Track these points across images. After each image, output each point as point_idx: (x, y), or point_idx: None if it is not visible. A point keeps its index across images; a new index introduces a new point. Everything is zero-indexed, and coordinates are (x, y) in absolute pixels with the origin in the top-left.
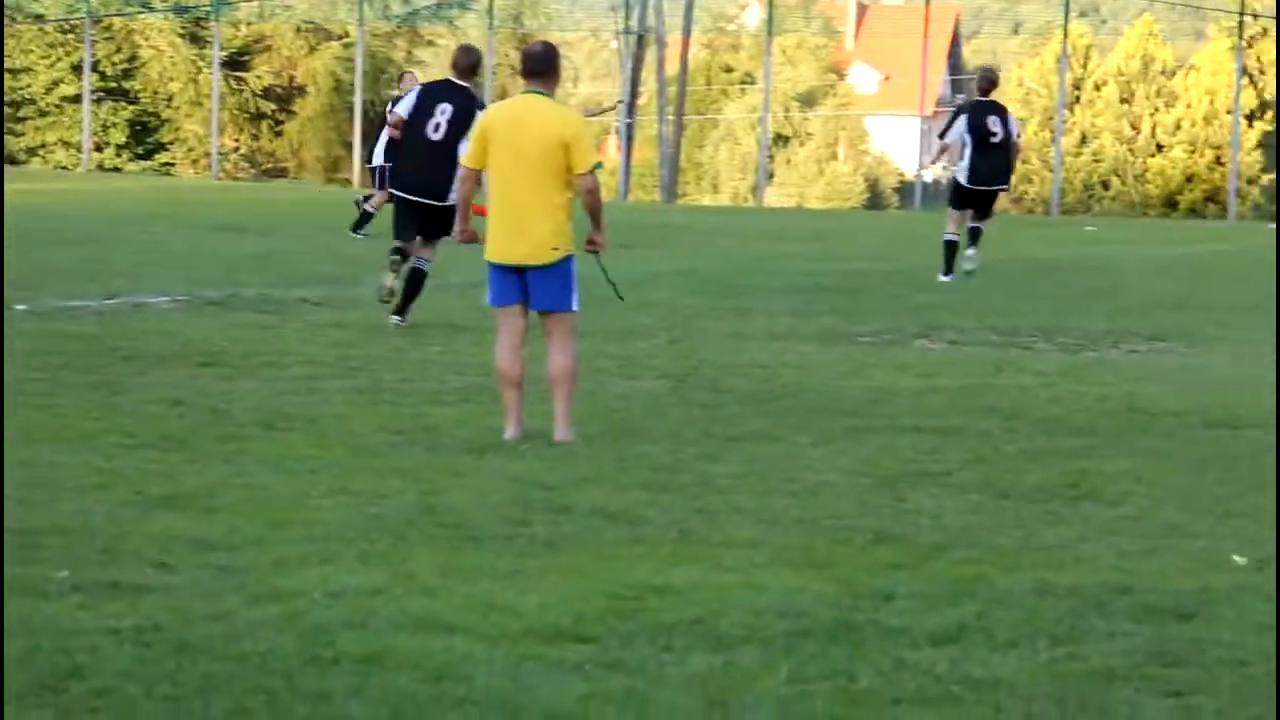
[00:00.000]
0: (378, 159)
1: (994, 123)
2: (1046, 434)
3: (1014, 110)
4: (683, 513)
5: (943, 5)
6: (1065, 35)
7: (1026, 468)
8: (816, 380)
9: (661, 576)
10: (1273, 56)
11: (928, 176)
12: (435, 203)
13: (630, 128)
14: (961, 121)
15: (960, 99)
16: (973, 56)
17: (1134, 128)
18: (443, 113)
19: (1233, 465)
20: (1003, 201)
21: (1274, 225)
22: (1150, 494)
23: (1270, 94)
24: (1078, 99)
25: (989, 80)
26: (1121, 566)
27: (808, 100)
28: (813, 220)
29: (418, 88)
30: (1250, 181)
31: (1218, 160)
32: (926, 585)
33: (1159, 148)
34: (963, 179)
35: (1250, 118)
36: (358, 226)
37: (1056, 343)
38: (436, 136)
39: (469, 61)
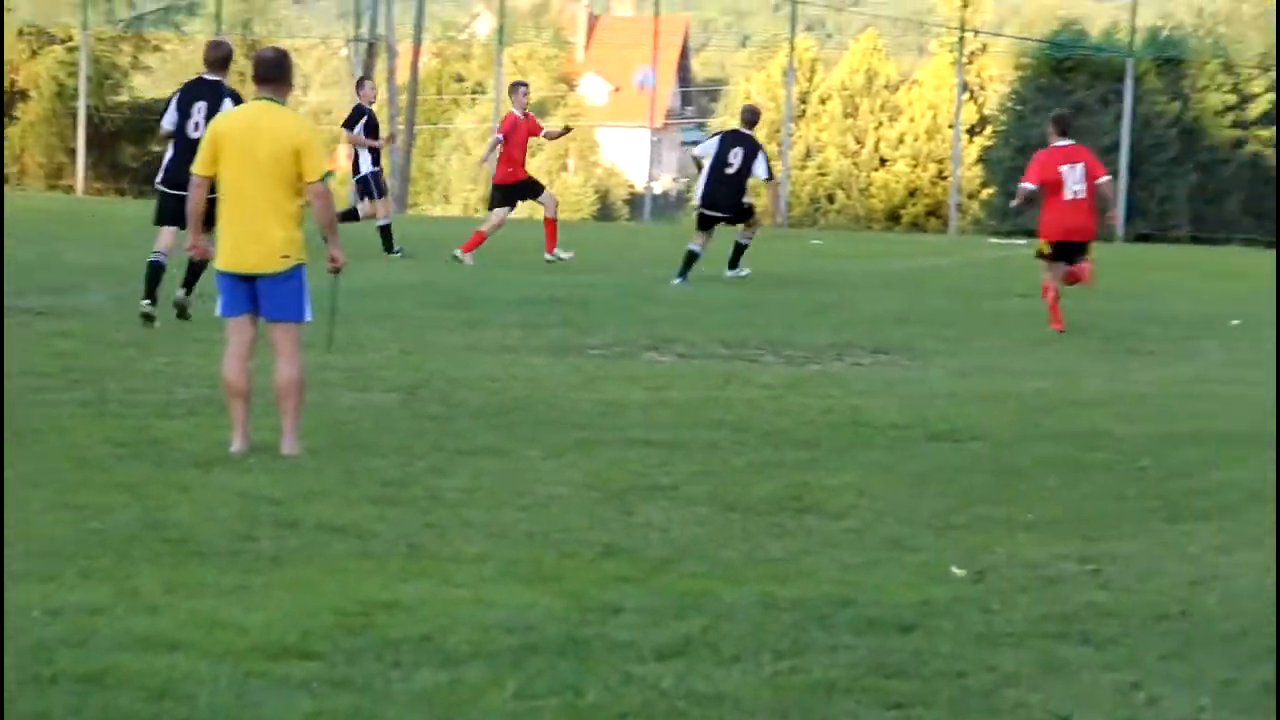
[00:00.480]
0: (365, 167)
1: (735, 155)
2: (773, 447)
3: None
4: (412, 527)
5: (672, 18)
6: (791, 49)
7: (753, 480)
8: (547, 393)
9: (389, 592)
10: (992, 72)
11: (657, 188)
12: None
13: None
14: (714, 142)
15: (690, 110)
16: (702, 69)
17: (858, 142)
18: (199, 110)
19: (953, 478)
20: None
21: (995, 240)
22: (873, 507)
23: (990, 109)
24: (803, 113)
25: (752, 114)
26: (844, 579)
27: (538, 111)
28: (543, 232)
29: (176, 94)
30: (971, 196)
31: (940, 175)
32: (654, 599)
33: (883, 162)
34: (696, 199)
35: (971, 132)
36: (388, 248)
37: (783, 356)
38: (196, 135)
39: (218, 55)
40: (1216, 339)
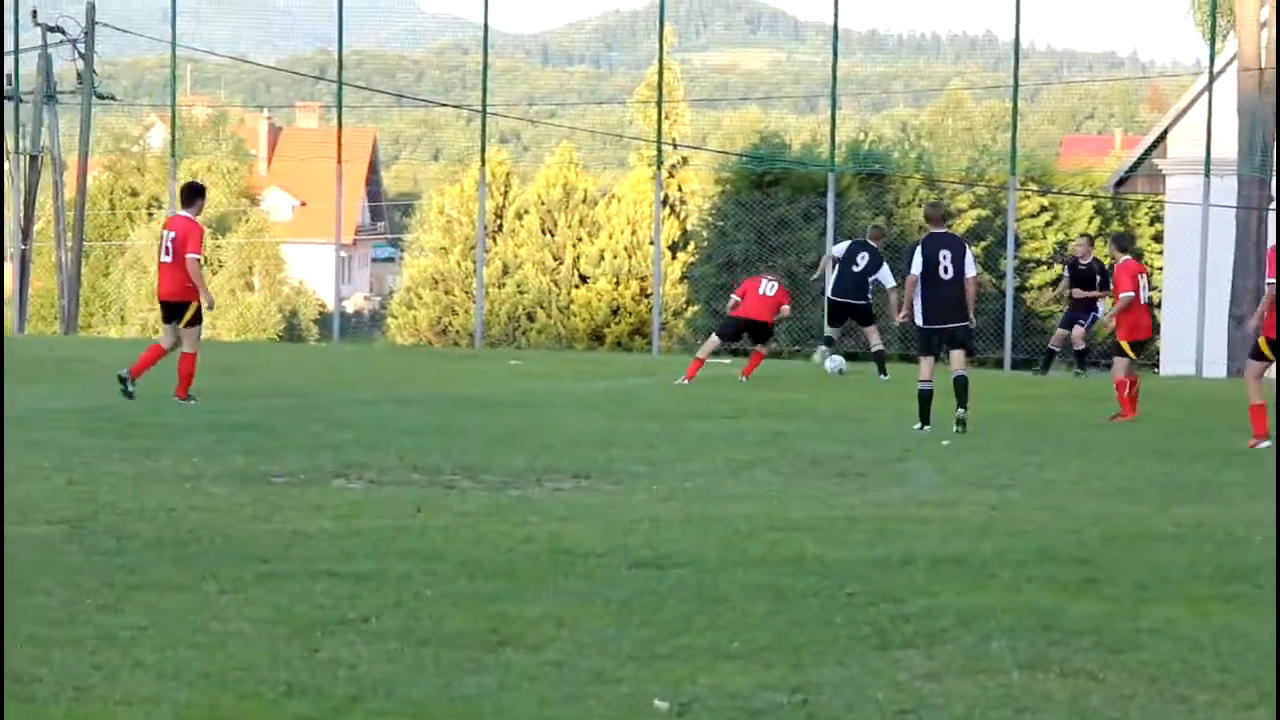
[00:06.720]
0: None
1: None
2: (468, 577)
3: (436, 240)
4: (78, 669)
5: (359, 130)
6: (483, 162)
7: (448, 613)
8: (226, 523)
9: None
10: (693, 186)
11: (348, 306)
12: None
13: (25, 255)
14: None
15: (381, 225)
16: (394, 183)
17: (556, 258)
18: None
19: (657, 607)
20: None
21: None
22: (573, 638)
23: (692, 224)
24: (500, 228)
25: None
26: (543, 715)
27: (220, 226)
28: (225, 353)
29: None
30: (676, 314)
31: (643, 292)
32: None
33: (583, 279)
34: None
35: (674, 249)
36: None
37: (481, 481)
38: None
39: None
40: (928, 460)
